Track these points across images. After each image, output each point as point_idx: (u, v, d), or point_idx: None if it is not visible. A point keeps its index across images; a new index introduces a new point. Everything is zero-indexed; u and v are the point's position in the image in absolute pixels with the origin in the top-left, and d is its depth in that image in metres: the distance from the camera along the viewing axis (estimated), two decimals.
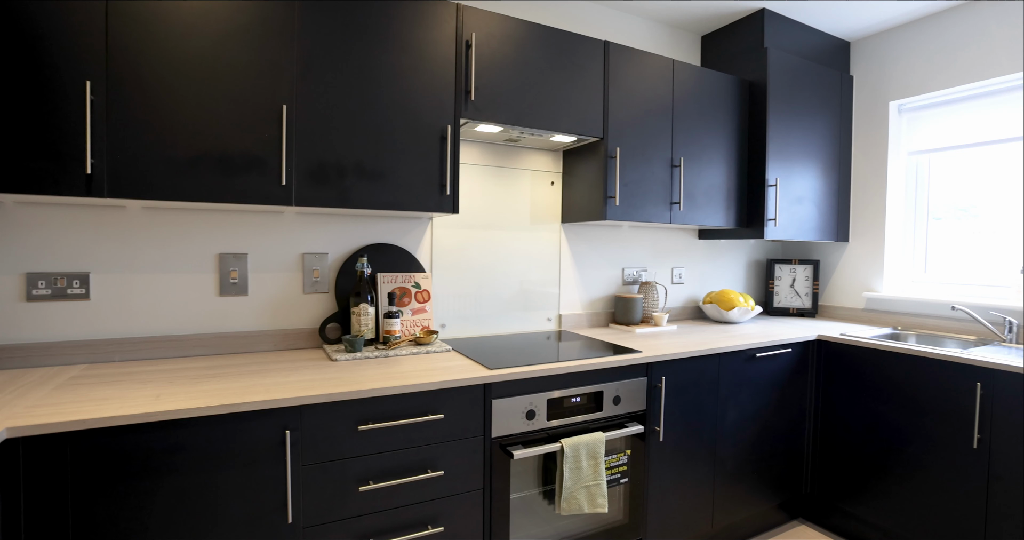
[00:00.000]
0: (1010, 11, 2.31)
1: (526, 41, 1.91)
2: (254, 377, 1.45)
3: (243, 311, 1.79)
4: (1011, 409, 1.79)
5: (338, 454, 1.37)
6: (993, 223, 2.44)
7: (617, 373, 1.82)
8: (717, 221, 2.45)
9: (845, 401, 2.27)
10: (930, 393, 2.00)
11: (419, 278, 2.00)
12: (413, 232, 2.07)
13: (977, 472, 1.87)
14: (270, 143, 1.51)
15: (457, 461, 1.54)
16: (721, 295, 2.65)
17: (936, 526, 1.97)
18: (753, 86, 2.53)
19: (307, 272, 1.88)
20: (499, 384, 1.60)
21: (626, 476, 1.85)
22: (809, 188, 2.66)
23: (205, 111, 1.42)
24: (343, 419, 1.37)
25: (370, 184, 1.66)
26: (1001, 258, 2.41)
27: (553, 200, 2.37)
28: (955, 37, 2.48)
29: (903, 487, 2.07)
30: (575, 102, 2.02)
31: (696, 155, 2.36)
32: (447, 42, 1.76)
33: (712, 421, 2.07)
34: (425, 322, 1.99)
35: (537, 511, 1.70)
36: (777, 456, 2.28)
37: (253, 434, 1.26)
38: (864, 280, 2.84)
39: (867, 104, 2.82)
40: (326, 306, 1.92)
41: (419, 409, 1.48)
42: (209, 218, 1.73)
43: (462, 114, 1.81)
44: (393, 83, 1.68)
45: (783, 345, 2.26)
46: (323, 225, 1.91)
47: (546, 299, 2.38)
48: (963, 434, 1.90)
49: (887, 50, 2.74)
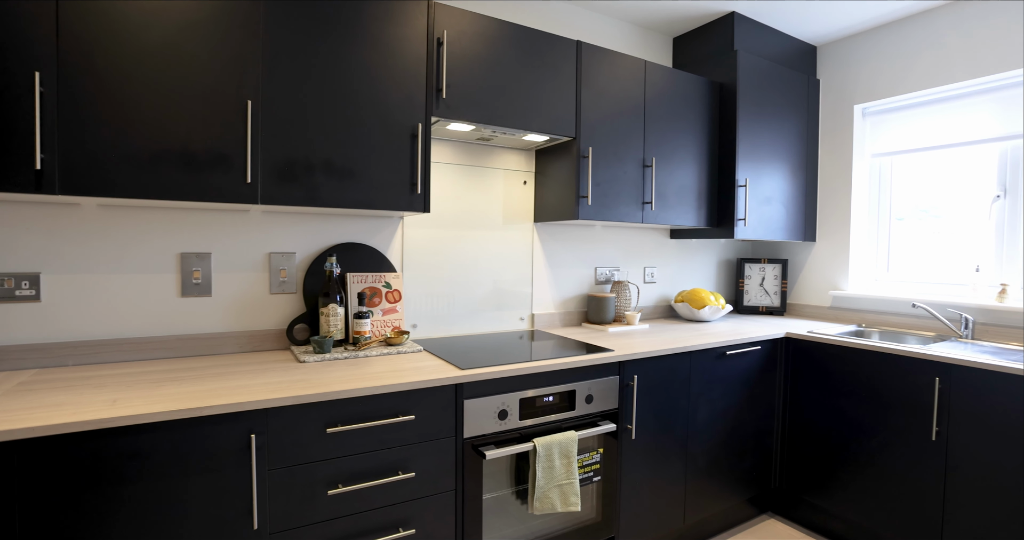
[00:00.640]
0: (965, 20, 2.39)
1: (498, 40, 1.90)
2: (218, 380, 1.41)
3: (207, 312, 1.74)
4: (967, 402, 1.85)
5: (306, 457, 1.34)
6: (952, 224, 2.52)
7: (589, 372, 1.82)
8: (688, 221, 2.47)
9: (812, 397, 2.32)
10: (892, 388, 2.05)
11: (390, 278, 1.98)
12: (384, 231, 2.04)
13: (935, 463, 1.93)
14: (235, 139, 1.46)
15: (429, 462, 1.52)
16: (692, 294, 2.68)
17: (897, 515, 2.03)
18: (723, 88, 2.57)
19: (274, 272, 1.83)
20: (471, 384, 1.59)
21: (599, 474, 1.85)
22: (777, 189, 2.71)
23: (166, 105, 1.38)
24: (311, 422, 1.34)
25: (339, 182, 1.63)
26: (959, 257, 2.49)
27: (526, 199, 2.37)
28: (914, 44, 2.56)
29: (866, 479, 2.12)
30: (547, 101, 2.02)
31: (667, 155, 2.38)
32: (418, 39, 1.74)
33: (684, 418, 2.09)
34: (396, 322, 1.96)
35: (510, 511, 1.70)
36: (747, 452, 2.32)
37: (217, 439, 1.23)
38: (830, 279, 2.90)
39: (833, 107, 2.89)
40: (294, 307, 1.88)
41: (390, 410, 1.45)
42: (170, 216, 1.68)
43: (433, 112, 1.79)
44: (363, 80, 1.65)
45: (753, 343, 2.30)
46: (290, 224, 1.87)
47: (519, 299, 2.37)
48: (922, 427, 1.96)
49: (851, 55, 2.81)
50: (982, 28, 2.34)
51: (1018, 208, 2.31)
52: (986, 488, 1.81)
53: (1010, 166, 2.34)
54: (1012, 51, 2.26)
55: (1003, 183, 2.36)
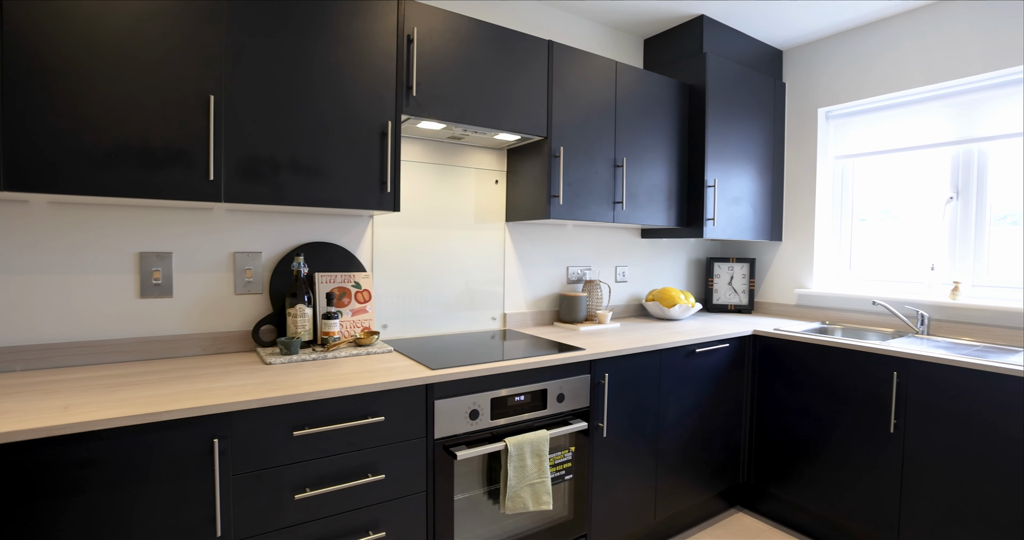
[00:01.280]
0: (921, 28, 2.48)
1: (469, 38, 1.89)
2: (179, 383, 1.37)
3: (167, 314, 1.68)
4: (922, 395, 1.92)
5: (272, 461, 1.31)
6: (909, 224, 2.61)
7: (561, 371, 1.83)
8: (659, 221, 2.50)
9: (779, 392, 2.37)
10: (854, 382, 2.11)
11: (359, 278, 1.95)
12: (353, 231, 2.01)
13: (893, 454, 1.99)
14: (197, 135, 1.42)
15: (399, 464, 1.50)
16: (663, 293, 2.72)
17: (858, 505, 2.09)
18: (693, 90, 2.60)
19: (239, 272, 1.79)
20: (442, 384, 1.58)
21: (571, 473, 1.86)
22: (745, 189, 2.77)
23: (122, 99, 1.33)
24: (278, 425, 1.31)
25: (307, 180, 1.59)
26: (915, 256, 2.59)
27: (497, 199, 2.36)
28: (874, 50, 2.64)
29: (830, 471, 2.18)
30: (519, 101, 2.01)
31: (638, 156, 2.40)
32: (388, 36, 1.72)
33: (654, 416, 2.11)
34: (366, 323, 1.93)
35: (482, 511, 1.69)
36: (716, 447, 2.36)
37: (177, 444, 1.19)
38: (796, 277, 2.98)
39: (798, 110, 2.96)
40: (260, 307, 1.84)
41: (359, 412, 1.43)
42: (128, 215, 1.62)
43: (403, 110, 1.77)
44: (331, 76, 1.62)
45: (721, 341, 2.34)
46: (256, 223, 1.82)
47: (490, 298, 2.37)
48: (881, 419, 2.03)
49: (815, 59, 2.88)
50: (937, 36, 2.43)
51: (970, 209, 2.41)
52: (940, 477, 1.87)
53: (962, 169, 2.43)
54: (965, 59, 2.35)
55: (955, 185, 2.45)
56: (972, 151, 2.40)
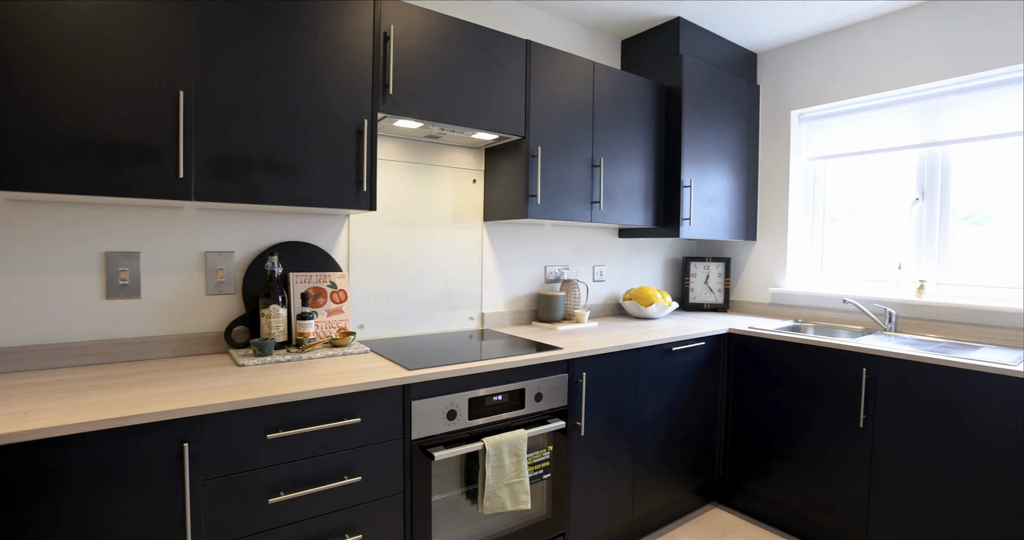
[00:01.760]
0: (889, 34, 2.54)
1: (447, 36, 1.88)
2: (147, 387, 1.33)
3: (135, 315, 1.64)
4: (890, 390, 1.97)
5: (245, 465, 1.29)
6: (878, 224, 2.68)
7: (539, 370, 1.83)
8: (636, 220, 2.52)
9: (753, 389, 2.41)
10: (825, 379, 2.16)
11: (335, 277, 1.92)
12: (328, 230, 1.99)
13: (863, 448, 2.04)
14: (166, 132, 1.39)
15: (376, 465, 1.49)
16: (640, 292, 2.74)
17: (829, 499, 2.14)
18: (669, 91, 2.63)
19: (210, 272, 1.75)
20: (419, 385, 1.57)
21: (549, 472, 1.86)
22: (721, 190, 2.80)
23: (88, 93, 1.29)
24: (250, 428, 1.29)
25: (281, 179, 1.57)
26: (884, 256, 2.65)
27: (475, 198, 2.36)
28: (844, 55, 2.70)
29: (802, 466, 2.23)
30: (497, 100, 2.01)
31: (616, 156, 2.42)
32: (364, 33, 1.70)
33: (632, 414, 2.13)
34: (342, 323, 1.91)
35: (461, 511, 1.68)
36: (693, 444, 2.39)
37: (145, 450, 1.16)
38: (770, 276, 3.03)
39: (771, 112, 3.01)
40: (233, 308, 1.80)
41: (334, 413, 1.41)
42: (94, 213, 1.57)
43: (380, 108, 1.75)
44: (306, 73, 1.59)
45: (697, 339, 2.37)
46: (228, 222, 1.79)
47: (468, 298, 2.36)
48: (851, 415, 2.07)
49: (788, 63, 2.94)
50: (903, 42, 2.50)
51: (935, 210, 2.48)
52: (907, 470, 1.93)
53: (927, 171, 2.50)
54: (930, 64, 2.41)
55: (921, 187, 2.52)
56: (937, 154, 2.47)
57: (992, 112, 2.29)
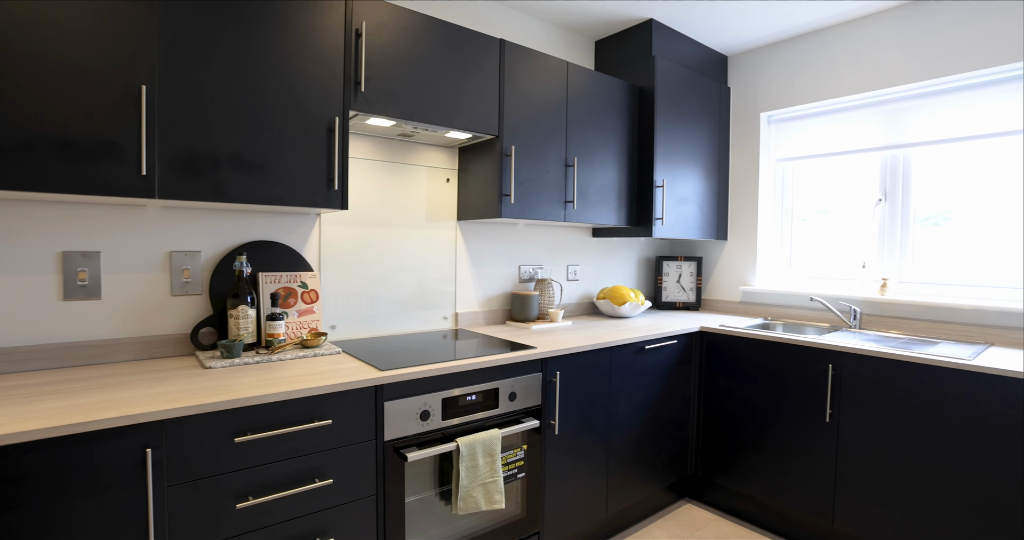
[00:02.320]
0: (853, 40, 2.61)
1: (420, 34, 1.86)
2: (108, 391, 1.29)
3: (95, 317, 1.58)
4: (854, 386, 2.03)
5: (212, 470, 1.25)
6: (843, 224, 2.75)
7: (512, 370, 1.83)
8: (609, 220, 2.54)
9: (724, 386, 2.45)
10: (793, 375, 2.21)
11: (306, 277, 1.89)
12: (299, 229, 1.95)
13: (829, 442, 2.09)
14: (127, 127, 1.34)
15: (348, 468, 1.47)
16: (614, 291, 2.76)
17: (796, 492, 2.19)
18: (642, 92, 2.66)
19: (176, 272, 1.70)
20: (391, 385, 1.55)
21: (523, 471, 1.86)
22: (692, 190, 2.84)
23: (41, 85, 1.24)
24: (217, 432, 1.26)
25: (249, 177, 1.53)
26: (849, 255, 2.73)
27: (449, 197, 2.34)
28: (811, 59, 2.77)
29: (771, 461, 2.28)
30: (470, 99, 2.00)
31: (589, 156, 2.43)
32: (335, 29, 1.67)
33: (605, 412, 2.14)
34: (313, 324, 1.88)
35: (435, 512, 1.67)
36: (665, 441, 2.42)
37: (104, 457, 1.12)
38: (740, 275, 3.09)
39: (742, 114, 3.07)
40: (199, 309, 1.76)
41: (305, 416, 1.39)
42: (50, 211, 1.51)
43: (351, 106, 1.73)
44: (275, 69, 1.56)
45: (670, 337, 2.40)
46: (194, 220, 1.74)
47: (442, 297, 2.34)
48: (818, 410, 2.13)
49: (758, 66, 3.00)
50: (866, 48, 2.57)
51: (896, 210, 2.56)
52: (870, 462, 1.98)
53: (889, 173, 2.58)
54: (891, 70, 2.49)
55: (884, 188, 2.60)
56: (898, 156, 2.55)
57: (949, 116, 2.38)
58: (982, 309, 2.21)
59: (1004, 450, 1.71)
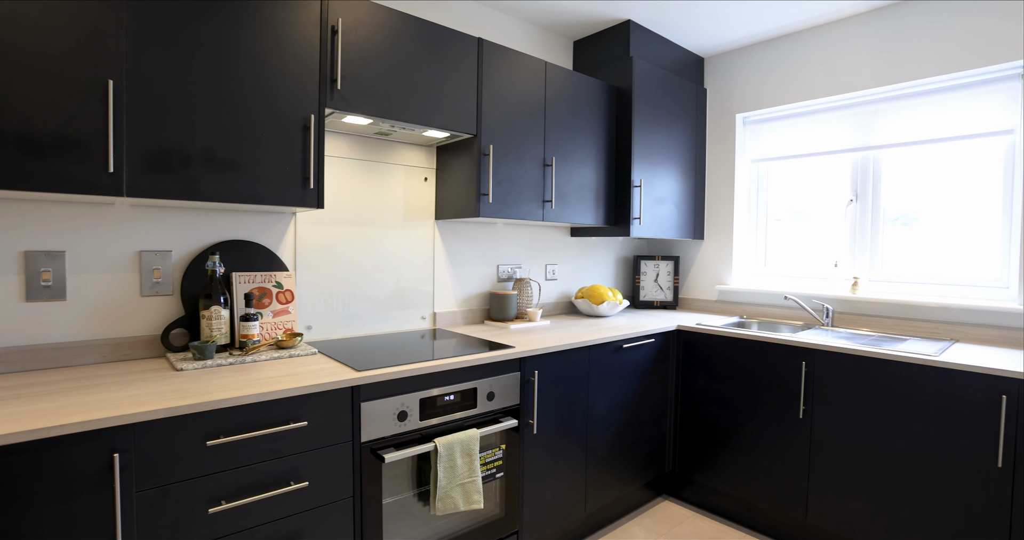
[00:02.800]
0: (825, 43, 2.66)
1: (397, 32, 1.85)
2: (73, 395, 1.25)
3: (60, 319, 1.54)
4: (827, 382, 2.07)
5: (183, 475, 1.23)
6: (817, 224, 2.81)
7: (491, 369, 1.83)
8: (587, 219, 2.56)
9: (701, 384, 2.48)
10: (768, 372, 2.25)
11: (281, 277, 1.86)
12: (274, 228, 1.92)
13: (802, 438, 2.14)
14: (93, 123, 1.31)
15: (324, 470, 1.45)
16: (592, 290, 2.78)
17: (771, 488, 2.23)
18: (620, 92, 2.67)
19: (146, 272, 1.66)
20: (368, 386, 1.54)
21: (501, 471, 1.86)
22: (670, 190, 2.87)
23: (0, 79, 1.20)
24: (188, 435, 1.23)
25: (222, 175, 1.50)
26: (822, 254, 2.78)
27: (427, 196, 2.33)
28: (785, 62, 2.82)
29: (747, 457, 2.31)
30: (448, 97, 1.99)
31: (567, 155, 2.44)
32: (310, 26, 1.65)
33: (583, 411, 2.15)
34: (288, 324, 1.85)
35: (413, 513, 1.66)
36: (643, 439, 2.44)
37: (71, 463, 1.09)
38: (717, 274, 3.13)
39: (718, 115, 3.11)
40: (170, 310, 1.72)
41: (280, 418, 1.37)
42: (11, 209, 1.46)
43: (327, 104, 1.71)
44: (249, 65, 1.53)
45: (647, 336, 2.42)
46: (165, 219, 1.70)
47: (420, 297, 2.33)
48: (792, 406, 2.17)
49: (733, 68, 3.04)
50: (838, 51, 2.62)
51: (867, 211, 2.62)
52: (842, 457, 2.03)
53: (860, 174, 2.64)
54: (862, 73, 2.55)
55: (855, 188, 2.66)
56: (868, 158, 2.62)
57: (918, 119, 2.44)
58: (948, 307, 2.27)
59: (969, 443, 1.76)
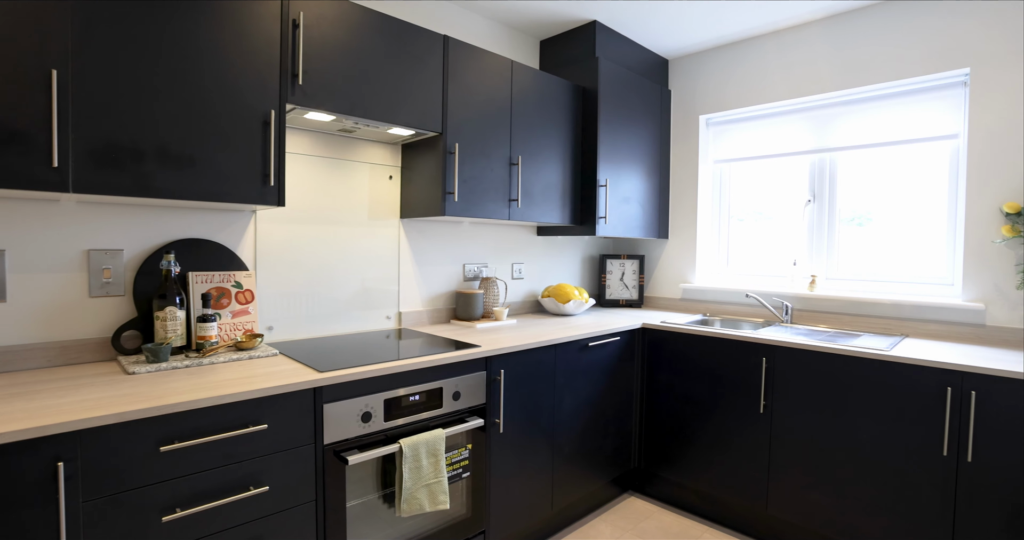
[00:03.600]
0: (784, 47, 2.74)
1: (361, 27, 1.82)
2: (15, 401, 1.19)
3: (0, 321, 1.46)
4: (785, 377, 2.13)
5: (135, 482, 1.18)
6: (778, 224, 2.89)
7: (456, 368, 1.82)
8: (554, 218, 2.57)
9: (666, 381, 2.53)
10: (730, 368, 2.30)
11: (240, 277, 1.81)
12: (233, 226, 1.87)
13: (763, 432, 2.19)
14: (36, 115, 1.24)
15: (285, 474, 1.42)
16: (558, 289, 2.79)
17: (733, 481, 2.28)
18: (586, 92, 2.69)
19: (95, 272, 1.59)
20: (331, 387, 1.51)
21: (468, 470, 1.86)
22: (635, 189, 2.91)
23: None
24: (141, 441, 1.18)
25: (178, 171, 1.45)
26: (781, 253, 2.86)
27: (392, 195, 2.30)
28: (746, 65, 2.89)
29: (710, 451, 2.36)
30: (413, 95, 1.97)
31: (533, 154, 2.45)
32: (270, 18, 1.61)
33: (550, 409, 2.16)
34: (248, 325, 1.80)
35: (378, 516, 1.64)
36: (610, 436, 2.47)
37: (11, 472, 1.03)
38: (681, 273, 3.18)
39: (682, 116, 3.17)
40: (122, 311, 1.65)
41: (238, 421, 1.33)
42: None
43: (288, 99, 1.67)
44: (205, 58, 1.49)
45: (613, 334, 2.45)
46: (115, 216, 1.63)
47: (385, 297, 2.30)
48: (753, 401, 2.22)
49: (697, 70, 3.10)
50: (797, 56, 2.70)
51: (824, 211, 2.70)
52: (800, 450, 2.09)
53: (818, 175, 2.73)
54: (820, 77, 2.63)
55: (813, 189, 2.74)
56: (825, 159, 2.70)
57: (872, 123, 2.53)
58: (899, 303, 2.37)
59: (917, 433, 1.84)
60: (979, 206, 2.20)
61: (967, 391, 1.74)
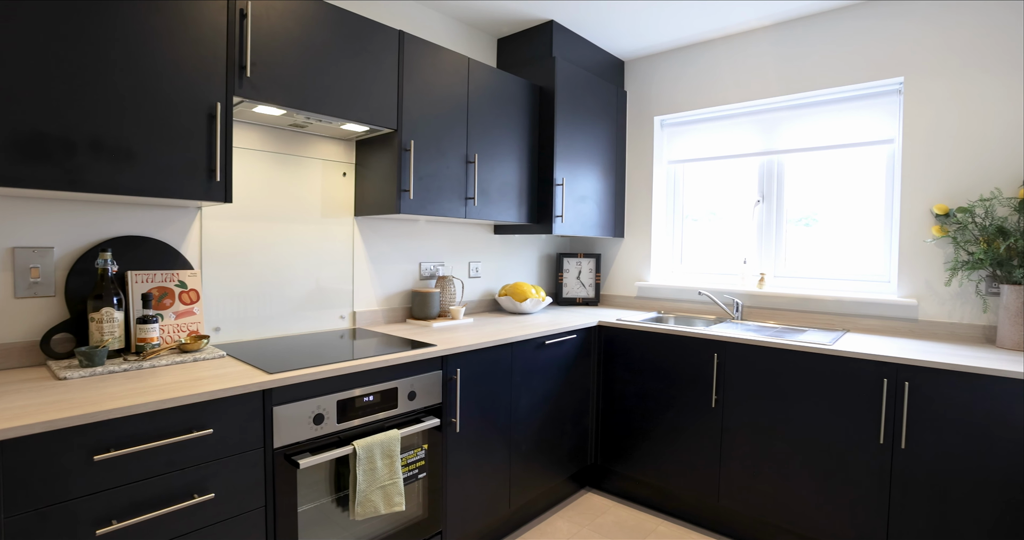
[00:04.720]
0: (735, 52, 2.83)
1: (313, 20, 1.77)
2: None
3: None
4: (735, 372, 2.20)
5: (64, 495, 1.11)
6: (729, 223, 2.97)
7: (412, 368, 1.80)
8: (510, 217, 2.57)
9: (621, 377, 2.57)
10: (683, 365, 2.36)
11: (185, 276, 1.74)
12: (177, 223, 1.79)
13: (714, 426, 2.26)
14: None
15: (232, 480, 1.36)
16: (515, 287, 2.80)
17: (687, 475, 2.34)
18: (543, 91, 2.71)
19: (20, 271, 1.49)
20: (281, 389, 1.46)
21: (424, 471, 1.84)
22: (591, 189, 2.94)
23: None
24: (71, 450, 1.12)
25: (113, 164, 1.38)
26: (733, 251, 2.95)
27: (346, 192, 2.25)
28: (698, 68, 2.96)
29: (663, 445, 2.41)
30: (367, 90, 1.93)
31: (490, 153, 2.44)
32: (216, 7, 1.55)
33: (507, 408, 2.16)
34: (193, 326, 1.73)
35: (333, 520, 1.60)
36: (567, 434, 2.49)
37: None
38: (636, 271, 3.24)
39: (637, 117, 3.22)
40: (52, 313, 1.56)
41: (181, 426, 1.27)
42: None
43: (236, 92, 1.61)
44: (144, 45, 1.41)
45: (569, 332, 2.47)
46: (44, 212, 1.54)
47: (339, 296, 2.25)
48: (705, 396, 2.28)
49: (651, 72, 3.16)
50: (746, 61, 2.79)
51: (772, 211, 2.80)
52: (749, 443, 2.16)
53: (766, 176, 2.82)
54: (767, 82, 2.72)
55: (762, 190, 2.84)
56: (773, 161, 2.80)
57: (815, 127, 2.64)
58: (841, 300, 2.48)
59: (857, 423, 1.93)
60: (912, 207, 2.32)
61: (901, 382, 1.84)
